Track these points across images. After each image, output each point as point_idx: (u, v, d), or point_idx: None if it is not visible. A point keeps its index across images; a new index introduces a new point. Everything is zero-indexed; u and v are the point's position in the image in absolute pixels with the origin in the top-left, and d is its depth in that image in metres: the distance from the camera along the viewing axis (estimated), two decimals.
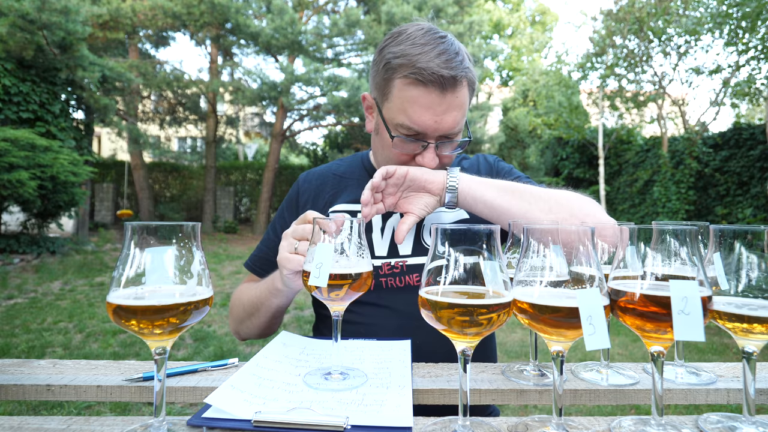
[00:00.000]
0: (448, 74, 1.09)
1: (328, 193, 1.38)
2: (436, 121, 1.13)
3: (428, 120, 1.13)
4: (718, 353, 4.67)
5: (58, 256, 9.10)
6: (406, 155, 1.21)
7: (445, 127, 1.14)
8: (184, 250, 0.71)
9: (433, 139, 1.17)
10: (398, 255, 1.26)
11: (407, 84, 1.13)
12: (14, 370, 0.93)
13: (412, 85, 1.12)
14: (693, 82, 11.62)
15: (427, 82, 1.10)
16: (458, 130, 1.18)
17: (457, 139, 1.20)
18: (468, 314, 0.68)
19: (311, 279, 0.86)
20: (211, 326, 5.43)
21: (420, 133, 1.16)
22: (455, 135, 1.19)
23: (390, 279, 1.24)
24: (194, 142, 24.64)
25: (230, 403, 0.73)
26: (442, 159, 1.22)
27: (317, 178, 1.43)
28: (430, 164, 1.17)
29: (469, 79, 1.17)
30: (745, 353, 0.72)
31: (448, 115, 1.13)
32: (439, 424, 0.73)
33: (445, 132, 1.16)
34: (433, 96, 1.11)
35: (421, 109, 1.13)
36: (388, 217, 1.31)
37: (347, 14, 13.25)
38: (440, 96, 1.11)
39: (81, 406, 3.26)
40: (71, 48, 9.21)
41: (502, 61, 28.79)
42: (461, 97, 1.15)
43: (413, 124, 1.14)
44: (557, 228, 0.71)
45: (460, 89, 1.14)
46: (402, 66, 1.13)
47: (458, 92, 1.13)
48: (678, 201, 11.13)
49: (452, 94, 1.12)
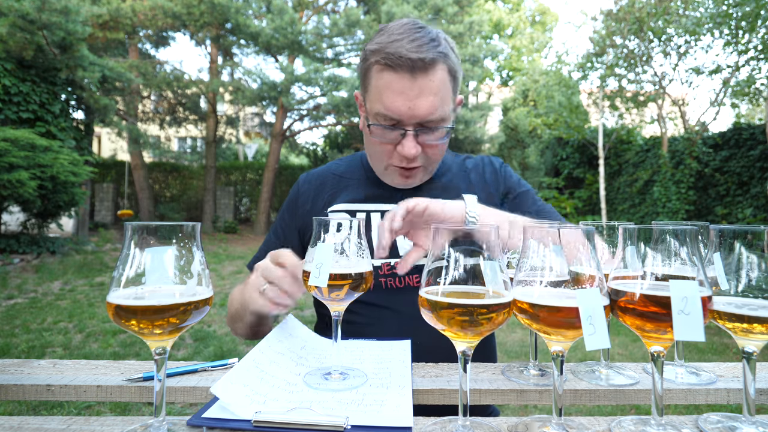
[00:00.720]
0: (416, 56, 1.08)
1: (327, 193, 1.38)
2: (410, 106, 1.11)
3: (401, 105, 1.12)
4: (718, 353, 4.67)
5: (58, 256, 9.10)
6: (387, 144, 1.20)
7: (420, 113, 1.12)
8: (184, 250, 0.71)
9: (410, 126, 1.15)
10: (398, 256, 1.26)
11: (380, 71, 1.13)
12: (14, 370, 0.93)
13: (384, 70, 1.12)
14: (693, 82, 11.62)
15: (396, 66, 1.10)
16: (438, 117, 1.14)
17: (438, 127, 1.17)
18: (468, 314, 0.68)
19: (311, 279, 0.86)
20: (211, 326, 5.43)
21: (396, 120, 1.15)
22: (435, 122, 1.15)
23: (390, 279, 1.24)
24: (194, 142, 24.64)
25: (233, 396, 0.73)
26: (426, 149, 1.20)
27: (316, 179, 1.43)
28: (409, 152, 1.16)
29: (447, 65, 1.14)
30: (745, 353, 0.72)
31: (421, 100, 1.11)
32: (439, 424, 0.73)
33: (421, 118, 1.13)
34: (404, 80, 1.10)
35: (393, 95, 1.12)
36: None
37: (347, 14, 13.25)
38: (411, 80, 1.10)
39: (81, 406, 3.26)
40: (71, 48, 9.21)
41: (502, 61, 28.78)
42: (436, 82, 1.12)
43: (387, 111, 1.14)
44: (557, 228, 0.71)
45: (433, 73, 1.11)
46: (375, 53, 1.14)
47: (431, 76, 1.11)
48: (678, 201, 11.12)
49: (424, 77, 1.10)
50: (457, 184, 1.37)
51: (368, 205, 1.33)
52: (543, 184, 15.37)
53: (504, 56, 28.34)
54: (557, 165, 15.37)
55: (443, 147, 1.25)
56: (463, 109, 15.08)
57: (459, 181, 1.38)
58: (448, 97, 1.17)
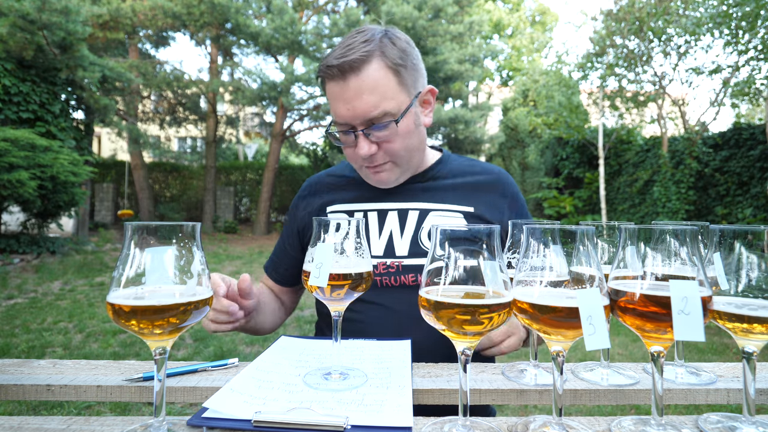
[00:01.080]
0: (337, 62, 1.14)
1: (324, 195, 1.43)
2: (348, 108, 1.17)
3: (342, 109, 1.18)
4: (718, 353, 4.67)
5: (58, 256, 9.10)
6: (350, 148, 1.25)
7: (359, 112, 1.16)
8: (184, 250, 0.71)
9: (359, 127, 1.19)
10: (394, 255, 1.27)
11: (326, 83, 1.21)
12: (14, 370, 0.93)
13: (325, 82, 1.21)
14: (693, 82, 11.61)
15: (329, 75, 1.17)
16: (379, 112, 1.16)
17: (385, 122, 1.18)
18: (468, 314, 0.68)
19: (311, 279, 0.86)
20: None
21: (345, 124, 1.20)
22: (379, 118, 1.17)
23: (385, 278, 1.25)
24: (194, 142, 24.63)
25: (229, 406, 0.73)
26: (383, 145, 1.22)
27: (315, 182, 1.49)
28: (362, 152, 1.20)
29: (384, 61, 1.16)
30: (745, 353, 0.72)
31: (358, 100, 1.15)
32: (439, 424, 0.73)
33: (362, 117, 1.16)
34: (339, 86, 1.17)
35: (334, 101, 1.20)
36: (385, 217, 1.32)
37: (347, 14, 13.25)
38: (344, 84, 1.16)
39: (81, 406, 3.26)
40: (71, 48, 9.20)
41: (502, 61, 28.78)
42: (369, 80, 1.14)
43: (336, 117, 1.21)
44: (557, 228, 0.71)
45: (364, 71, 1.14)
46: (319, 72, 1.22)
47: (362, 75, 1.14)
48: (678, 201, 11.12)
49: (356, 78, 1.14)
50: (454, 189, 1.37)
51: (365, 205, 1.35)
52: (543, 184, 15.36)
53: (504, 56, 28.35)
54: (557, 165, 15.37)
55: (402, 141, 1.23)
56: (463, 109, 15.06)
57: (457, 187, 1.37)
58: (389, 92, 1.17)
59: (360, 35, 1.19)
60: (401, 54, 1.20)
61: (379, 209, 1.33)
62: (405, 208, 1.32)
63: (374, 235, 1.30)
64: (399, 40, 1.22)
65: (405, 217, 1.31)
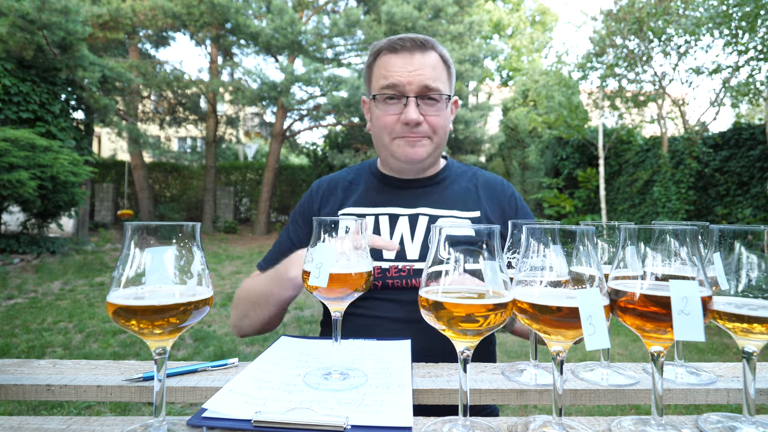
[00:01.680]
0: (412, 37, 1.31)
1: (338, 197, 1.46)
2: (409, 72, 1.29)
3: (402, 74, 1.29)
4: (718, 353, 4.67)
5: (58, 256, 9.10)
6: (392, 116, 1.32)
7: (420, 80, 1.28)
8: (184, 250, 0.71)
9: (411, 94, 1.29)
10: (406, 259, 1.31)
11: (384, 56, 1.34)
12: (14, 370, 0.93)
13: (387, 55, 1.34)
14: (693, 82, 11.61)
15: (398, 48, 1.31)
16: (435, 86, 1.30)
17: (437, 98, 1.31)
18: (468, 314, 0.68)
19: (311, 279, 0.86)
20: (211, 326, 5.43)
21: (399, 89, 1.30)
22: (433, 91, 1.30)
23: (397, 281, 1.28)
24: (194, 142, 24.63)
25: (229, 407, 0.73)
26: (428, 118, 1.32)
27: (328, 184, 1.51)
28: (411, 116, 1.28)
29: (441, 55, 1.35)
30: (745, 353, 0.72)
31: (420, 70, 1.29)
32: (439, 424, 0.73)
33: (419, 84, 1.28)
34: (404, 57, 1.31)
35: (395, 67, 1.31)
36: (396, 222, 1.36)
37: (347, 14, 13.24)
38: (410, 56, 1.30)
39: (81, 406, 3.26)
40: (71, 48, 9.20)
41: (502, 61, 28.77)
42: (431, 60, 1.31)
43: (390, 78, 1.30)
44: (557, 228, 0.71)
45: (429, 53, 1.32)
46: (379, 47, 1.36)
47: (427, 55, 1.32)
48: (678, 201, 11.12)
49: (421, 55, 1.31)
50: (462, 195, 1.42)
51: (377, 209, 1.39)
52: (543, 184, 15.36)
53: (504, 56, 28.34)
54: (557, 165, 15.36)
55: (444, 121, 1.35)
56: (463, 109, 15.07)
57: (464, 193, 1.43)
58: (444, 78, 1.34)
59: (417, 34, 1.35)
60: (449, 59, 1.39)
61: (390, 213, 1.37)
62: (415, 213, 1.37)
63: (386, 238, 1.34)
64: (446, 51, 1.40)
65: (415, 222, 1.36)
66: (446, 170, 1.48)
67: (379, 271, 1.30)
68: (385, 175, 1.47)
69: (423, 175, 1.45)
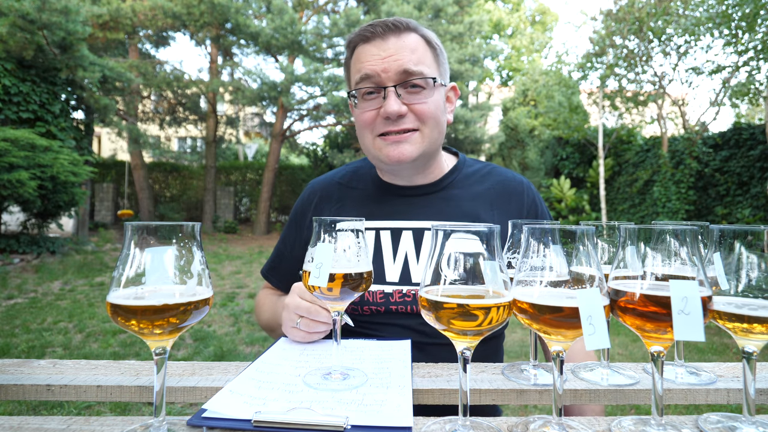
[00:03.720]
0: (382, 23, 1.17)
1: (333, 205, 1.34)
2: (384, 58, 1.15)
3: (376, 64, 1.15)
4: (718, 353, 4.67)
5: (58, 256, 9.10)
6: (371, 111, 1.19)
7: (396, 65, 1.14)
8: (184, 250, 0.70)
9: (390, 83, 1.15)
10: (410, 282, 1.19)
11: (357, 49, 1.21)
12: (14, 370, 0.93)
13: (360, 45, 1.20)
14: (693, 82, 11.62)
15: (370, 36, 1.17)
16: (416, 69, 1.14)
17: (420, 83, 1.16)
18: (468, 314, 0.68)
19: (311, 279, 0.86)
20: (211, 326, 5.43)
21: (374, 80, 1.16)
22: (414, 75, 1.15)
23: (401, 306, 1.18)
24: (194, 142, 24.63)
25: (229, 407, 0.73)
26: (413, 108, 1.17)
27: (321, 189, 1.39)
28: (393, 109, 1.14)
29: (423, 35, 1.20)
30: (745, 353, 0.72)
31: (395, 55, 1.15)
32: (439, 424, 0.73)
33: (395, 71, 1.14)
34: (378, 44, 1.17)
35: (368, 56, 1.17)
36: (399, 238, 1.24)
37: (347, 14, 13.24)
38: (383, 42, 1.16)
39: (81, 406, 3.26)
40: (71, 48, 9.20)
41: (502, 61, 28.78)
42: (409, 42, 1.16)
43: (364, 70, 1.17)
44: (557, 228, 0.71)
45: (405, 35, 1.17)
46: (351, 40, 1.23)
47: (403, 37, 1.17)
48: (678, 201, 11.12)
49: (396, 38, 1.16)
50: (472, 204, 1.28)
51: (377, 222, 1.26)
52: (543, 184, 15.36)
53: (504, 56, 28.34)
54: (557, 165, 15.37)
55: (434, 108, 1.18)
56: (463, 109, 15.06)
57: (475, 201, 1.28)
58: (427, 60, 1.18)
59: (398, 18, 1.21)
60: (436, 40, 1.23)
61: (392, 228, 1.24)
62: (420, 228, 1.23)
63: (388, 258, 1.22)
64: (432, 33, 1.25)
65: (420, 238, 1.22)
66: (455, 172, 1.32)
67: (382, 295, 1.18)
68: (384, 182, 1.32)
69: (427, 179, 1.29)
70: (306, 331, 1.05)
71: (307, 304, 1.04)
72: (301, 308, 1.05)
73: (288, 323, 1.08)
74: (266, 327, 1.37)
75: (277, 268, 1.43)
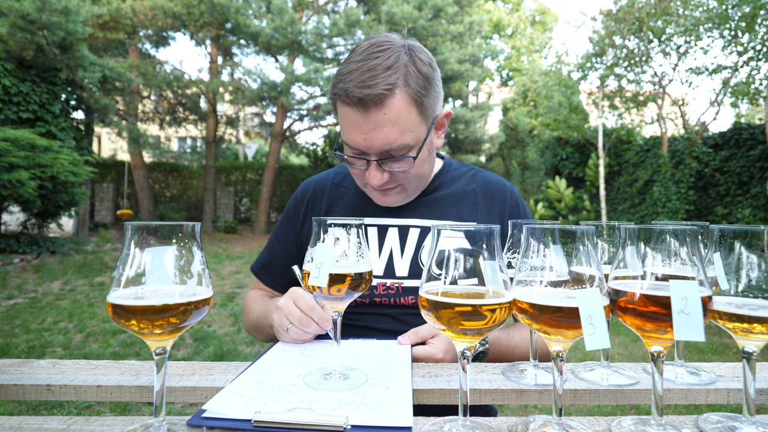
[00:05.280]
0: (364, 93, 1.06)
1: (324, 205, 1.39)
2: (365, 138, 1.11)
3: (358, 138, 1.12)
4: (718, 353, 4.67)
5: (58, 256, 9.10)
6: (359, 170, 1.21)
7: (376, 145, 1.11)
8: (184, 250, 0.70)
9: (374, 157, 1.14)
10: (395, 276, 1.25)
11: (338, 103, 1.14)
12: (14, 370, 0.93)
13: (340, 104, 1.13)
14: (693, 82, 11.62)
15: (346, 103, 1.10)
16: (397, 146, 1.12)
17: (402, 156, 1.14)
18: (468, 314, 0.68)
19: (311, 279, 0.86)
20: (211, 326, 5.43)
21: (357, 150, 1.15)
22: (396, 151, 1.13)
23: (384, 299, 1.24)
24: (194, 142, 24.63)
25: (229, 407, 0.73)
26: (395, 175, 1.19)
27: (314, 188, 1.44)
28: (374, 182, 1.16)
29: (407, 93, 1.10)
30: (745, 353, 0.72)
31: (377, 133, 1.10)
32: (439, 424, 0.73)
33: (379, 149, 1.11)
34: (358, 115, 1.09)
35: (350, 128, 1.13)
36: (385, 234, 1.30)
37: (347, 14, 13.24)
38: (364, 114, 1.09)
39: (81, 406, 3.26)
40: (71, 48, 9.20)
41: (502, 61, 28.78)
42: (391, 113, 1.09)
43: (349, 142, 1.15)
44: (557, 228, 0.71)
45: (387, 105, 1.08)
46: (333, 86, 1.14)
47: (385, 109, 1.08)
48: (678, 201, 11.12)
49: (378, 111, 1.08)
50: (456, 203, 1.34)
51: (365, 219, 1.30)
52: (543, 184, 15.37)
53: (504, 56, 28.34)
54: (557, 165, 15.37)
55: (417, 169, 1.20)
56: (463, 109, 15.07)
57: (459, 200, 1.34)
58: (410, 124, 1.12)
59: (383, 55, 1.10)
60: (425, 82, 1.13)
61: (379, 225, 1.30)
62: (405, 225, 1.29)
63: (374, 253, 1.28)
64: (423, 65, 1.14)
65: (405, 235, 1.28)
66: (441, 175, 1.38)
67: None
68: None
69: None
70: (294, 338, 1.09)
71: (300, 313, 1.06)
72: (293, 316, 1.06)
73: (279, 326, 1.10)
74: (253, 327, 1.36)
75: (269, 266, 1.45)
